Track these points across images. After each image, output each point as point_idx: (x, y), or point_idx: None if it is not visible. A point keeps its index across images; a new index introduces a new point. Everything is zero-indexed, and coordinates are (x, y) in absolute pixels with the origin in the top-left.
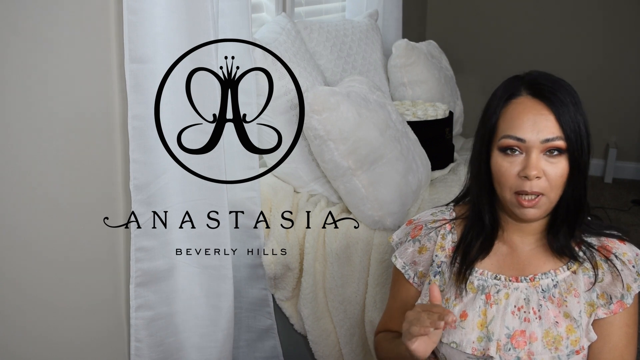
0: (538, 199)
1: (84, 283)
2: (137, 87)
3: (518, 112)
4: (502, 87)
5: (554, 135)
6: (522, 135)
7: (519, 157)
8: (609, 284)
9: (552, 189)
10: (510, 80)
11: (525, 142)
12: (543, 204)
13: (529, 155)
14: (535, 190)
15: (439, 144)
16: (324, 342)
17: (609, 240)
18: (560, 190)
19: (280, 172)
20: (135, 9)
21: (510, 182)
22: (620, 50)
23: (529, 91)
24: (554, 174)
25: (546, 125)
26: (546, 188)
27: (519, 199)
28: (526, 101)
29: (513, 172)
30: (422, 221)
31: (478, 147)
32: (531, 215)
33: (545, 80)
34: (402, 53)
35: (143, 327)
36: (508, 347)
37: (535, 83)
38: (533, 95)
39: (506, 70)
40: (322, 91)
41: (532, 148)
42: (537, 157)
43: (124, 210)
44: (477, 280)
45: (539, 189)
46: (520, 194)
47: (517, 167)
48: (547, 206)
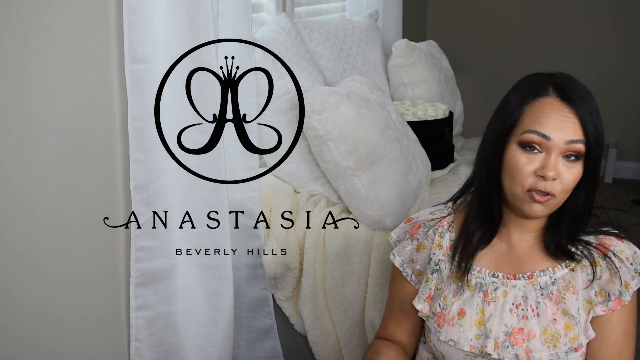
0: (549, 198)
1: (84, 283)
2: (137, 87)
3: (546, 110)
4: (527, 82)
5: (578, 137)
6: (548, 132)
7: (538, 156)
8: (607, 282)
9: (563, 192)
10: (536, 77)
11: (550, 140)
12: (551, 204)
13: (549, 155)
14: (549, 190)
15: (439, 144)
16: (324, 342)
17: (606, 238)
18: (568, 194)
19: (280, 172)
20: (135, 9)
21: (524, 179)
22: (620, 50)
23: (558, 93)
24: (569, 178)
25: (571, 127)
26: (559, 190)
27: (531, 194)
28: (554, 102)
29: (529, 169)
30: (420, 220)
31: (493, 139)
32: (538, 212)
33: (573, 84)
34: (402, 53)
35: (143, 327)
36: (506, 344)
37: (564, 85)
38: (562, 97)
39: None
40: (322, 91)
41: (554, 148)
42: (557, 159)
43: (124, 210)
44: (475, 278)
45: (552, 190)
46: (532, 190)
47: (535, 164)
48: (553, 207)
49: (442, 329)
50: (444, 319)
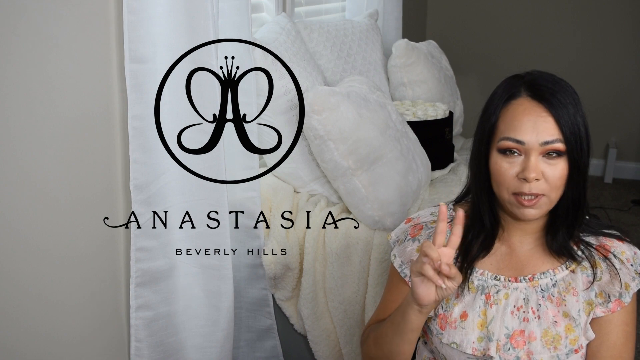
0: (538, 199)
1: (84, 283)
2: (137, 87)
3: (517, 113)
4: (502, 86)
5: (553, 137)
6: (521, 137)
7: (518, 159)
8: (607, 283)
9: (552, 190)
10: (510, 80)
11: (525, 144)
12: (543, 204)
13: (528, 158)
14: (534, 192)
15: (439, 144)
16: (324, 342)
17: (607, 239)
18: (561, 190)
19: (280, 172)
20: (135, 9)
21: (509, 183)
22: (620, 50)
23: (529, 92)
24: (553, 175)
25: (545, 128)
26: (546, 189)
27: (518, 199)
28: (525, 102)
29: (512, 173)
30: (422, 221)
31: (477, 147)
32: (531, 215)
33: (545, 81)
34: (402, 53)
35: (143, 327)
36: (507, 347)
37: (535, 84)
38: (532, 96)
39: (506, 70)
40: (322, 91)
41: (531, 150)
42: (536, 160)
43: (124, 210)
44: (477, 281)
45: (538, 191)
46: (519, 195)
47: (516, 168)
48: (547, 206)
49: (445, 332)
50: (446, 321)
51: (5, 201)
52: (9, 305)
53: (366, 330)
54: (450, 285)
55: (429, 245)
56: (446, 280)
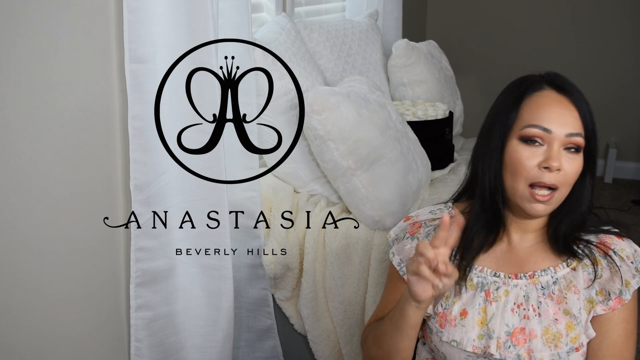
0: (552, 195)
1: (84, 283)
2: (137, 87)
3: (544, 103)
4: (520, 81)
5: (577, 130)
6: (548, 125)
7: (540, 149)
8: (608, 280)
9: (565, 185)
10: (527, 77)
11: (551, 133)
12: (555, 201)
13: (552, 147)
14: (553, 182)
15: (439, 144)
16: (324, 342)
17: (607, 236)
18: (570, 187)
19: (280, 172)
20: (135, 9)
21: (528, 172)
22: (620, 50)
23: (553, 86)
24: (571, 170)
25: (571, 120)
26: (562, 182)
27: (532, 193)
28: (552, 94)
29: (533, 163)
30: (420, 219)
31: (491, 138)
32: (541, 211)
33: (564, 79)
34: (402, 53)
35: (143, 327)
36: (508, 344)
37: (557, 80)
38: (557, 90)
39: (506, 70)
40: (322, 91)
41: (555, 140)
42: (559, 150)
43: (124, 210)
44: (477, 278)
45: (556, 182)
46: (535, 187)
47: (538, 158)
48: (555, 203)
49: (445, 330)
50: (445, 319)
51: (5, 201)
52: (9, 305)
53: (366, 329)
54: (447, 282)
55: (425, 245)
56: (443, 278)
